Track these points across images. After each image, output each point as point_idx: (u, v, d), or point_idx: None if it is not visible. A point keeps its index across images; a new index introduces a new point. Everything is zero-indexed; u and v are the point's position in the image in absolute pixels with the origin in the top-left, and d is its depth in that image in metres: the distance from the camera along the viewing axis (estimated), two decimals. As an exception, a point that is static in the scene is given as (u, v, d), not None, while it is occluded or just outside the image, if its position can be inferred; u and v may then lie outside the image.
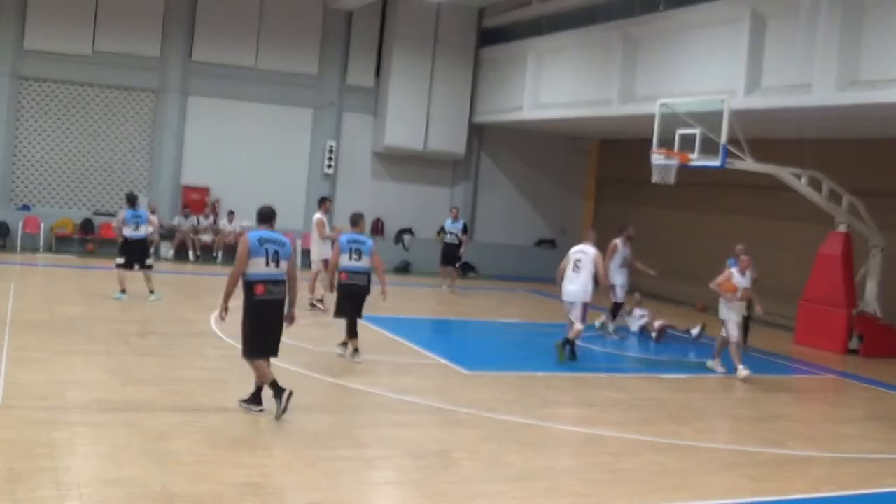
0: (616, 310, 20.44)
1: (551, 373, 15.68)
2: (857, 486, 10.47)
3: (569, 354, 16.56)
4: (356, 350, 15.18)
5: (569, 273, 17.03)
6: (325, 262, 19.72)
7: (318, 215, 21.48)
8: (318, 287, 20.76)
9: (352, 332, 15.21)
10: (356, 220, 15.84)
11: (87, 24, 27.43)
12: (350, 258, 15.12)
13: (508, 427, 11.77)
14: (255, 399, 11.52)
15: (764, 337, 20.91)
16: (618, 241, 20.45)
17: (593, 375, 15.93)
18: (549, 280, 25.47)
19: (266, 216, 11.82)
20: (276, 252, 11.40)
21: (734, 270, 16.70)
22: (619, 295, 20.33)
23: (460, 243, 26.34)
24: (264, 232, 11.56)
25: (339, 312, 15.33)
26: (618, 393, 14.50)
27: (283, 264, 11.48)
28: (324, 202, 21.80)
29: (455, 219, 26.61)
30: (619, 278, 20.34)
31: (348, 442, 10.47)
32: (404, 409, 12.37)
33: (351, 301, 15.18)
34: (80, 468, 8.76)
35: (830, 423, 13.57)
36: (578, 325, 16.78)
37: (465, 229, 26.77)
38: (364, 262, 15.16)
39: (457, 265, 26.52)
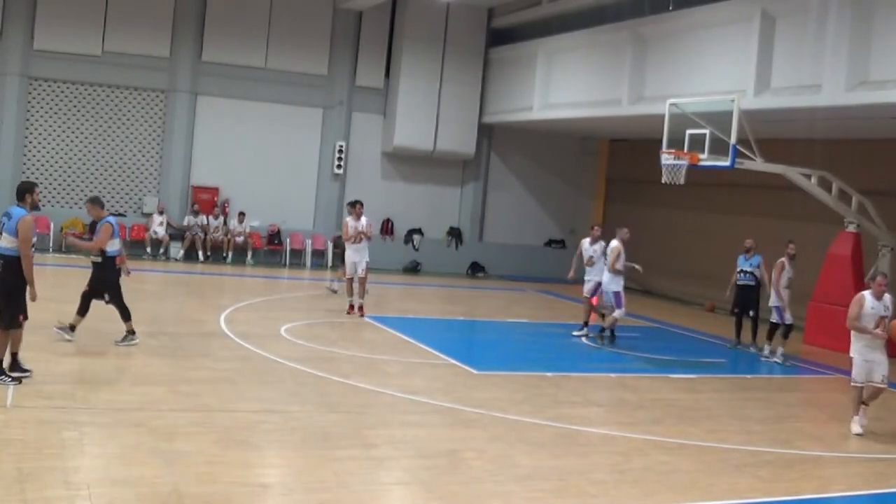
0: (787, 332, 18.67)
1: (561, 373, 15.68)
2: (866, 486, 10.45)
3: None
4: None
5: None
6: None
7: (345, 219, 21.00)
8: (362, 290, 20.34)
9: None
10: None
11: (97, 24, 27.50)
12: None
13: (518, 427, 11.77)
14: (14, 366, 11.82)
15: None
16: (784, 259, 18.64)
17: (602, 376, 15.93)
18: (558, 280, 25.60)
19: (17, 192, 12.15)
20: (3, 224, 11.71)
21: (867, 294, 13.14)
22: (788, 317, 18.51)
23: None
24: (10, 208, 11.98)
25: None
26: (627, 393, 14.49)
27: (5, 238, 11.66)
28: (353, 206, 20.69)
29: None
30: (784, 299, 18.48)
31: (357, 442, 10.47)
32: (413, 409, 12.38)
33: None
34: (89, 468, 8.78)
35: (839, 424, 13.53)
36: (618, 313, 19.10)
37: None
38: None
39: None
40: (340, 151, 30.26)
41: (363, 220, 20.30)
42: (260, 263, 28.79)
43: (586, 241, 20.04)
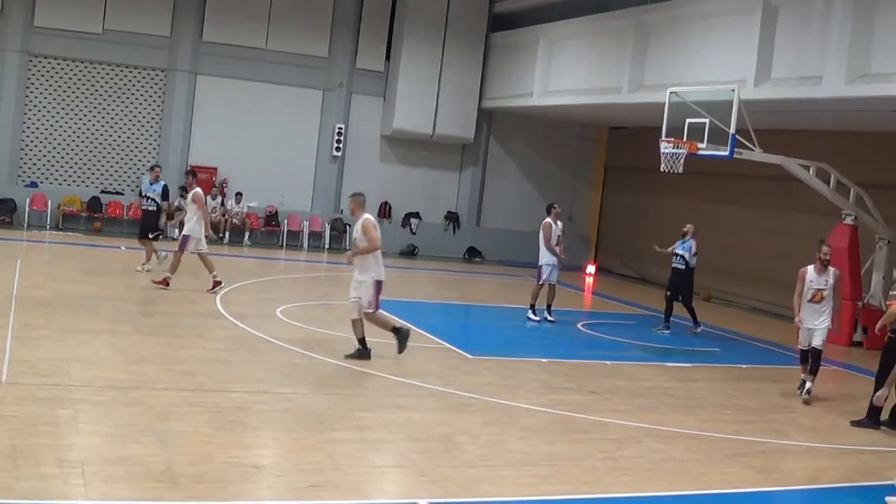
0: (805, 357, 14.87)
1: (555, 359, 15.71)
2: (858, 478, 10.46)
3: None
4: None
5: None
6: (186, 238, 18.82)
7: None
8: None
9: None
10: None
11: (98, 1, 27.45)
12: None
13: (511, 412, 11.79)
14: None
15: (769, 328, 20.91)
16: (809, 268, 14.43)
17: (597, 363, 15.93)
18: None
19: None
20: None
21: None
22: (799, 339, 14.83)
23: (159, 210, 21.11)
24: None
25: None
26: (621, 381, 14.51)
27: None
28: (191, 176, 19.88)
29: (156, 179, 21.09)
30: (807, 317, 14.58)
31: (351, 424, 10.48)
32: (407, 392, 12.39)
33: None
34: (83, 446, 8.78)
35: (833, 415, 13.56)
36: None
37: (164, 193, 21.18)
38: None
39: (152, 235, 21.01)
40: (339, 134, 30.24)
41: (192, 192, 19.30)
42: (257, 244, 28.78)
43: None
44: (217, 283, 18.81)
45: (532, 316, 19.49)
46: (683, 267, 19.55)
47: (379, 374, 13.11)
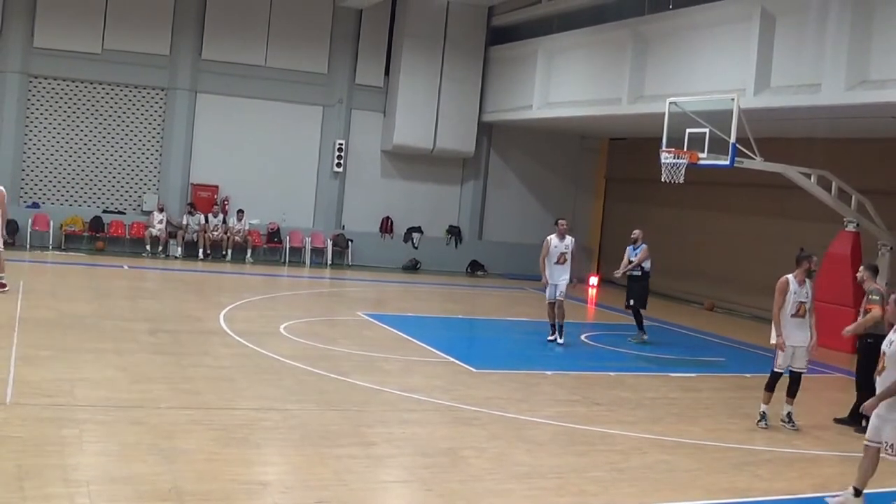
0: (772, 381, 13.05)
1: (560, 371, 15.69)
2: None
3: None
4: None
5: None
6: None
7: None
8: None
9: None
10: None
11: (97, 21, 27.50)
12: None
13: (517, 425, 11.77)
14: None
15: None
16: (788, 277, 13.07)
17: (602, 374, 15.91)
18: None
19: None
20: None
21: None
22: (780, 361, 12.91)
23: None
24: None
25: None
26: (626, 392, 14.50)
27: None
28: None
29: None
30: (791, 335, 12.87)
31: (357, 440, 10.47)
32: (413, 407, 12.38)
33: None
34: (88, 465, 8.78)
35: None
36: None
37: None
38: None
39: None
40: (340, 149, 30.25)
41: None
42: (259, 261, 28.79)
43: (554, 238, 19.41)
44: (2, 286, 18.37)
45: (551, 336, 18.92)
46: (640, 273, 19.53)
47: (384, 390, 13.10)
